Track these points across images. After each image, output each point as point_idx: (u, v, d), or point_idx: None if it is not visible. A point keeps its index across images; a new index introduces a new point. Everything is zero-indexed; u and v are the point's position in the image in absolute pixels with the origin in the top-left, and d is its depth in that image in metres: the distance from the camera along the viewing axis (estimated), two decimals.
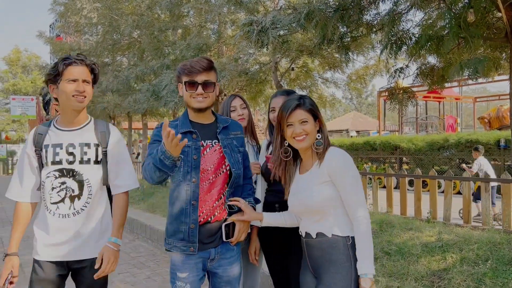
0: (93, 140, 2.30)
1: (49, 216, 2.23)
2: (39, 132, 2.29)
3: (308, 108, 2.05)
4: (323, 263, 2.01)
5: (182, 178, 2.20)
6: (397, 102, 5.31)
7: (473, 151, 9.01)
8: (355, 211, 1.96)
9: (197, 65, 2.22)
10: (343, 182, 1.98)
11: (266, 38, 4.85)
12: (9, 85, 33.87)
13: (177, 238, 2.22)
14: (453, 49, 4.86)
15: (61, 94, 2.20)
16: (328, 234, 2.00)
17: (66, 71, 2.18)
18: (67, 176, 2.23)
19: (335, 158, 2.00)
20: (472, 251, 3.92)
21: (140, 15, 9.87)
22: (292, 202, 2.13)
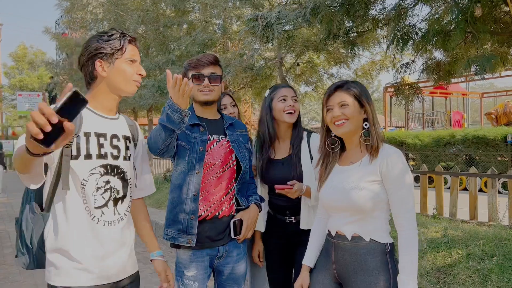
0: (129, 133, 1.94)
1: (93, 224, 1.74)
2: None
3: (351, 91, 1.85)
4: (356, 270, 1.81)
5: (186, 168, 2.20)
6: (403, 97, 5.27)
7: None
8: (405, 220, 1.78)
9: (204, 59, 2.25)
10: (398, 187, 1.79)
11: (271, 33, 4.83)
12: (16, 81, 34.06)
13: (175, 229, 2.21)
14: (460, 44, 4.82)
15: (116, 74, 1.79)
16: (366, 238, 1.81)
17: (129, 48, 1.82)
18: (111, 174, 1.80)
19: (394, 159, 1.79)
20: (478, 247, 3.90)
21: (146, 11, 9.88)
22: (330, 196, 1.90)
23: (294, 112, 2.45)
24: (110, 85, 1.81)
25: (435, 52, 5.65)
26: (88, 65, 1.80)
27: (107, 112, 1.85)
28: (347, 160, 1.94)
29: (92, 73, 1.80)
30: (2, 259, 6.11)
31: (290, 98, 2.46)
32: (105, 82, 1.80)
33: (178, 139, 2.20)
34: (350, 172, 1.88)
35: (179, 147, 2.22)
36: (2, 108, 33.72)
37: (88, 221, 1.72)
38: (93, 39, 1.81)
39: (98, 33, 1.86)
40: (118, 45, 1.78)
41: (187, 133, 2.22)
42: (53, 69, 18.04)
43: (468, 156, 13.00)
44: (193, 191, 2.19)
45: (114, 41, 1.78)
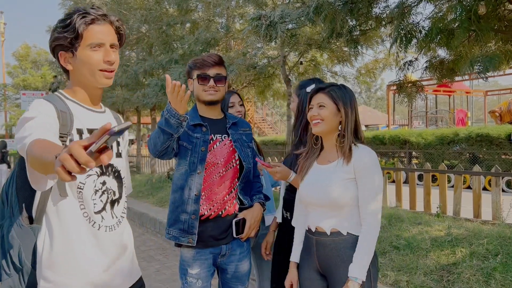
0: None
1: (94, 231, 1.56)
2: (61, 109, 1.52)
3: (330, 94, 1.96)
4: (337, 264, 1.93)
5: (188, 168, 2.21)
6: (406, 95, 5.27)
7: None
8: (370, 214, 1.89)
9: (209, 59, 2.26)
10: (367, 183, 1.90)
11: (274, 32, 4.84)
12: (19, 81, 34.18)
13: (176, 228, 2.22)
14: (464, 42, 4.80)
15: (81, 65, 1.55)
16: (344, 232, 1.93)
17: (87, 32, 1.51)
18: (106, 174, 1.63)
19: (366, 157, 1.92)
20: (481, 245, 3.90)
21: (149, 10, 9.90)
22: (310, 193, 1.99)
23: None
24: (79, 78, 1.59)
25: (439, 50, 5.65)
26: (55, 58, 1.59)
27: (92, 104, 1.66)
28: (325, 159, 2.04)
29: (61, 65, 1.60)
30: None
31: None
32: (76, 76, 1.59)
33: (180, 139, 2.21)
34: (328, 170, 1.99)
35: (181, 147, 2.23)
36: (6, 107, 33.83)
37: (88, 228, 1.55)
38: (54, 28, 1.56)
39: (58, 20, 1.56)
40: (73, 33, 1.50)
41: (189, 134, 2.23)
42: (56, 68, 18.08)
43: (472, 154, 12.98)
44: (194, 191, 2.20)
45: (69, 29, 1.50)
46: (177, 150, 2.24)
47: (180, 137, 2.21)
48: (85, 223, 1.54)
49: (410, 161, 14.29)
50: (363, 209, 1.91)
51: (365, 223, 1.90)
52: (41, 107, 1.48)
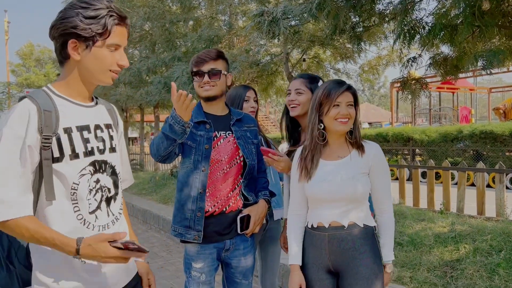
0: (110, 120, 1.67)
1: (87, 232, 1.49)
2: (45, 108, 1.43)
3: (354, 94, 2.02)
4: (354, 256, 1.92)
5: (192, 166, 2.22)
6: (410, 92, 5.25)
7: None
8: (385, 203, 2.04)
9: (203, 55, 2.27)
10: (384, 176, 2.03)
11: (277, 28, 4.83)
12: (23, 79, 34.30)
13: (182, 225, 2.23)
14: (468, 38, 4.78)
15: (92, 61, 1.48)
16: (360, 224, 1.96)
17: (114, 32, 1.48)
18: (100, 171, 1.56)
19: (379, 152, 2.04)
20: (485, 241, 3.89)
21: (152, 7, 9.90)
22: (325, 189, 1.95)
23: (296, 106, 2.43)
24: (83, 71, 1.51)
25: (442, 46, 5.64)
26: (60, 41, 1.47)
27: (84, 99, 1.57)
28: (334, 154, 2.02)
29: (64, 51, 1.48)
30: None
31: (294, 91, 2.45)
32: (78, 67, 1.50)
33: None
34: (344, 165, 1.98)
35: (185, 146, 2.24)
36: (10, 105, 33.97)
37: (80, 229, 1.47)
38: (71, 10, 1.44)
39: (80, 1, 1.46)
40: (101, 29, 1.44)
41: (193, 131, 2.23)
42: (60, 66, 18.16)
43: (476, 151, 12.93)
44: (199, 189, 2.21)
45: (97, 22, 1.44)
46: (179, 153, 2.25)
47: None
48: (78, 225, 1.48)
49: (413, 158, 14.25)
50: (382, 200, 2.04)
51: (385, 212, 2.04)
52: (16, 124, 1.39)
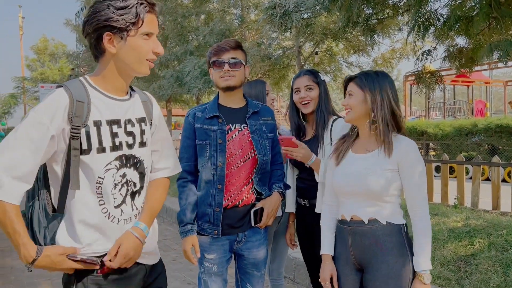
0: (144, 113, 1.68)
1: (112, 225, 1.55)
2: (78, 98, 1.47)
3: (357, 82, 1.95)
4: (376, 252, 1.88)
5: (208, 162, 2.23)
6: (424, 85, 5.19)
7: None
8: (419, 205, 1.88)
9: (224, 44, 2.26)
10: (413, 175, 1.88)
11: (289, 21, 4.80)
12: (37, 74, 34.68)
13: (204, 221, 2.26)
14: (483, 30, 4.70)
15: (129, 51, 1.51)
16: (383, 221, 1.89)
17: (146, 19, 1.50)
18: (127, 166, 1.58)
19: (411, 151, 1.89)
20: (500, 236, 3.83)
21: (164, 1, 9.92)
22: (345, 181, 1.95)
23: (308, 102, 2.51)
24: (120, 63, 1.53)
25: (458, 38, 5.55)
26: (94, 36, 1.49)
27: (120, 93, 1.59)
28: (363, 148, 1.99)
29: (99, 46, 1.51)
30: None
31: (303, 88, 2.52)
32: (114, 60, 1.53)
33: (196, 138, 2.26)
34: (368, 159, 1.94)
35: (198, 146, 2.26)
36: (25, 100, 34.42)
37: (105, 222, 1.53)
38: (102, 4, 1.48)
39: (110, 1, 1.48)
40: (134, 18, 1.47)
41: (205, 128, 2.24)
42: (73, 61, 18.31)
43: (491, 145, 12.75)
44: (217, 184, 2.22)
45: (128, 12, 1.46)
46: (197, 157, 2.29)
47: (197, 136, 2.26)
48: (103, 218, 1.52)
49: (427, 153, 14.12)
50: (413, 201, 1.89)
51: (417, 214, 1.88)
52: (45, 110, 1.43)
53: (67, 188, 1.49)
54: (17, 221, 1.39)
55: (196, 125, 2.27)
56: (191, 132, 2.28)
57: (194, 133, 2.27)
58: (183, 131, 2.34)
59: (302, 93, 2.51)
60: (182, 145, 2.32)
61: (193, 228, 2.21)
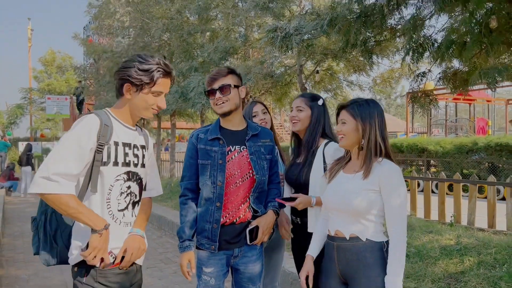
0: (144, 142, 2.18)
1: (114, 225, 1.96)
2: (105, 123, 1.94)
3: (350, 111, 2.10)
4: (358, 267, 2.03)
5: (208, 180, 2.38)
6: (420, 105, 5.36)
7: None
8: (397, 227, 2.01)
9: (213, 75, 2.44)
10: (394, 198, 2.01)
11: (290, 43, 5.01)
12: (44, 85, 35.14)
13: (203, 236, 2.40)
14: (476, 54, 4.88)
15: (139, 101, 1.99)
16: (363, 238, 2.04)
17: (157, 83, 1.98)
18: (132, 180, 2.04)
19: (392, 175, 2.03)
20: (490, 255, 3.97)
21: (170, 19, 10.18)
22: (334, 199, 2.13)
23: (296, 121, 2.69)
24: (132, 106, 2.02)
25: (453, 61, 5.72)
26: (119, 82, 2.00)
27: (130, 124, 2.08)
28: (352, 169, 2.17)
29: (121, 90, 2.00)
30: (32, 257, 6.43)
31: (295, 109, 2.71)
32: (129, 103, 2.01)
33: (198, 158, 2.42)
34: (352, 179, 2.12)
35: (200, 166, 2.42)
36: (32, 110, 34.81)
37: (111, 223, 1.93)
38: (131, 62, 1.97)
39: (138, 57, 1.99)
40: (148, 80, 1.94)
41: (207, 149, 2.40)
42: (80, 74, 18.63)
43: (491, 163, 12.85)
44: (216, 202, 2.38)
45: (146, 75, 1.94)
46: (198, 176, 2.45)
47: (199, 156, 2.42)
48: (108, 219, 1.93)
49: (428, 169, 14.21)
50: (391, 222, 2.02)
51: (393, 235, 2.01)
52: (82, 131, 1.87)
53: (85, 192, 1.91)
54: (78, 205, 1.82)
55: (199, 146, 2.43)
56: (194, 152, 2.44)
57: (196, 153, 2.43)
58: (187, 151, 2.50)
59: (293, 112, 2.70)
60: (185, 164, 2.49)
61: (190, 244, 2.37)
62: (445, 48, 4.15)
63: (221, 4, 9.04)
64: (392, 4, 3.81)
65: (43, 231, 2.02)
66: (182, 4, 10.21)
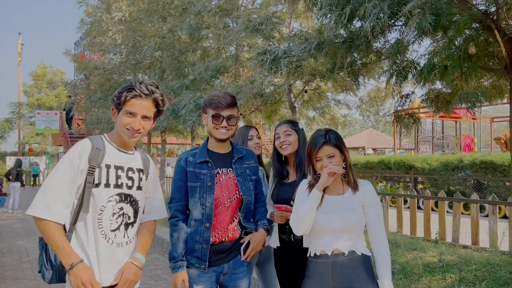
0: (142, 166, 2.26)
1: (106, 244, 2.05)
2: (97, 147, 2.07)
3: (334, 143, 2.29)
4: (354, 280, 2.18)
5: (198, 202, 2.50)
6: (403, 126, 5.55)
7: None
8: (382, 236, 2.28)
9: (223, 101, 2.53)
10: (375, 211, 2.29)
11: (279, 66, 5.19)
12: (34, 100, 35.05)
13: (193, 256, 2.51)
14: (458, 77, 5.09)
15: (118, 122, 2.12)
16: (358, 253, 2.24)
17: (128, 103, 2.08)
18: (125, 202, 2.13)
19: (372, 191, 2.32)
20: (470, 271, 4.11)
21: (162, 38, 10.35)
22: (328, 219, 2.25)
23: (287, 145, 2.85)
24: (117, 129, 2.15)
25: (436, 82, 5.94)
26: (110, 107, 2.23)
27: (125, 147, 2.19)
28: (333, 191, 2.34)
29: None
30: (21, 273, 6.43)
31: (282, 134, 2.87)
32: (116, 125, 2.16)
33: (188, 180, 2.53)
34: (341, 201, 2.30)
35: (189, 188, 2.53)
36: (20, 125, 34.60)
37: (103, 242, 2.04)
38: (117, 90, 2.17)
39: (122, 86, 2.18)
40: (119, 100, 2.09)
41: (196, 172, 2.52)
42: (71, 89, 18.66)
43: (477, 181, 13.11)
44: (205, 223, 2.49)
45: (120, 95, 2.10)
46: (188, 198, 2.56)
47: (188, 178, 2.53)
48: (101, 238, 2.04)
49: (415, 186, 14.43)
50: (377, 233, 2.27)
51: (381, 244, 2.26)
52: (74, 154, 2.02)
53: (78, 212, 2.02)
54: (58, 237, 1.93)
55: (188, 169, 2.54)
56: (183, 175, 2.55)
57: (186, 176, 2.54)
58: (176, 173, 2.60)
59: (281, 138, 2.85)
60: (174, 187, 2.58)
61: (183, 264, 2.47)
62: (427, 72, 4.35)
63: (213, 25, 9.25)
64: (376, 31, 4.00)
65: (45, 250, 2.14)
66: (174, 23, 10.40)
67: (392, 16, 3.88)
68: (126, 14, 10.87)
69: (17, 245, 8.71)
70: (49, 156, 34.83)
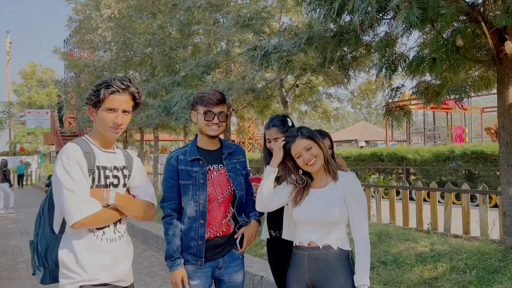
0: (125, 163, 2.28)
1: (97, 241, 2.09)
2: (87, 151, 2.08)
3: (306, 135, 2.31)
4: (329, 274, 2.20)
5: (191, 200, 2.53)
6: (394, 118, 5.61)
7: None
8: (361, 228, 2.23)
9: (214, 98, 2.55)
10: (357, 203, 2.25)
11: (270, 61, 5.21)
12: (25, 98, 34.77)
13: (188, 253, 2.55)
14: (446, 69, 5.15)
15: (98, 120, 2.11)
16: (334, 247, 2.23)
17: (107, 99, 2.08)
18: None
19: (352, 182, 2.28)
20: (461, 260, 4.19)
21: (152, 34, 10.30)
22: (307, 213, 2.28)
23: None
24: (97, 127, 2.15)
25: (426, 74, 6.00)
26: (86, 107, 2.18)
27: (108, 147, 2.20)
28: (317, 184, 2.37)
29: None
30: (16, 274, 6.43)
31: (273, 140, 2.88)
32: (96, 125, 2.16)
33: (180, 178, 2.55)
34: (321, 194, 2.31)
35: (181, 186, 2.56)
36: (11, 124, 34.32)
37: (92, 239, 2.07)
38: (91, 88, 2.14)
39: (93, 85, 2.17)
40: (97, 98, 2.08)
41: (188, 169, 2.55)
42: (62, 88, 18.55)
43: (468, 171, 13.26)
44: (199, 219, 2.53)
45: (97, 93, 2.08)
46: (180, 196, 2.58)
47: (180, 176, 2.55)
48: (90, 236, 2.07)
49: (407, 178, 14.57)
50: (358, 227, 2.23)
51: (361, 238, 2.22)
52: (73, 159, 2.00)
53: None
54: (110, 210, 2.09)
55: (179, 167, 2.56)
56: (174, 173, 2.56)
57: (177, 174, 2.56)
58: (167, 172, 2.61)
59: (272, 144, 2.86)
60: (166, 186, 2.60)
61: (181, 262, 2.50)
62: (415, 65, 4.40)
63: (203, 20, 9.23)
64: (365, 25, 4.04)
65: (36, 252, 2.16)
66: (164, 20, 10.36)
67: (380, 10, 3.90)
68: (116, 11, 10.80)
69: (11, 246, 8.69)
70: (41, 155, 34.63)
